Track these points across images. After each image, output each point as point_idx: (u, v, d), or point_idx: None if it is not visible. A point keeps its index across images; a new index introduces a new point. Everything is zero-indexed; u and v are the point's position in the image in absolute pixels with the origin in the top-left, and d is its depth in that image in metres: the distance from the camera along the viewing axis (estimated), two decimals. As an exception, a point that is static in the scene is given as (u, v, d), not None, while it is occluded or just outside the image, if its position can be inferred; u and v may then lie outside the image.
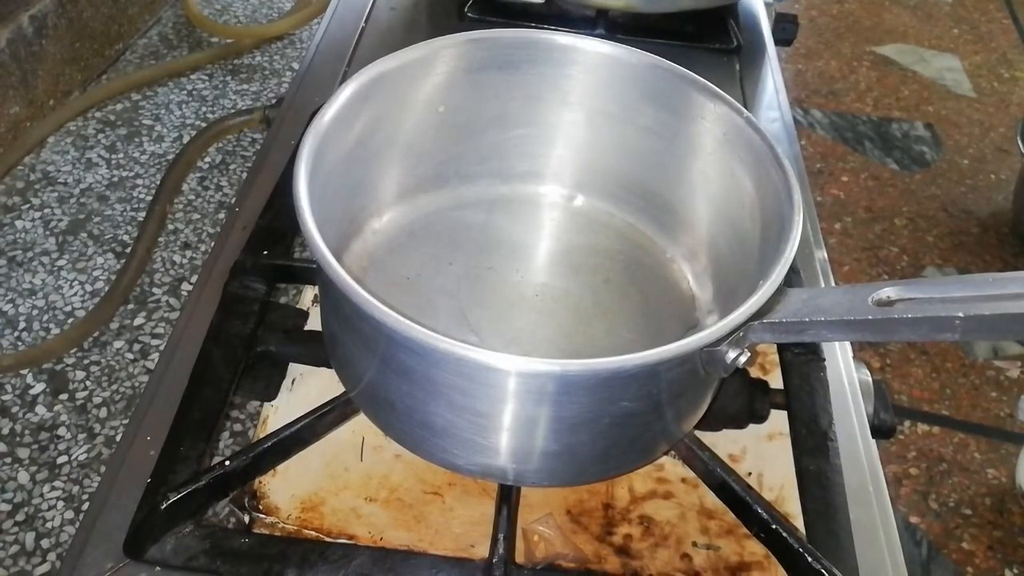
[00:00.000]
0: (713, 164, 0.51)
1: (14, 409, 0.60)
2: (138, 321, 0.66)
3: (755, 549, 0.46)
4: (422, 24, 0.83)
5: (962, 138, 1.66)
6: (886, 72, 1.82)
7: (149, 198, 0.77)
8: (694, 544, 0.47)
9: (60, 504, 0.55)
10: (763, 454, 0.51)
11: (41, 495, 0.55)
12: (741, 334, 0.38)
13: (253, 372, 0.51)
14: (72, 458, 0.57)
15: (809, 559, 0.42)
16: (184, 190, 0.79)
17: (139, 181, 0.80)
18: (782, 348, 0.55)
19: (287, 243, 0.59)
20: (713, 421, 0.49)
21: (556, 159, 0.57)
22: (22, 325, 0.66)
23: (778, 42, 0.89)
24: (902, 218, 1.45)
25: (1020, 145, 1.38)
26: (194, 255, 0.72)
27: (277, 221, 0.59)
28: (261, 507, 0.47)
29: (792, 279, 0.58)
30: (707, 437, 0.49)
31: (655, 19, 0.83)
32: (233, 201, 0.69)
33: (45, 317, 0.67)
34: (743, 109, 0.48)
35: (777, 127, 0.74)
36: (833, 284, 0.63)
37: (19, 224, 0.75)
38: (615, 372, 0.36)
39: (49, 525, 0.54)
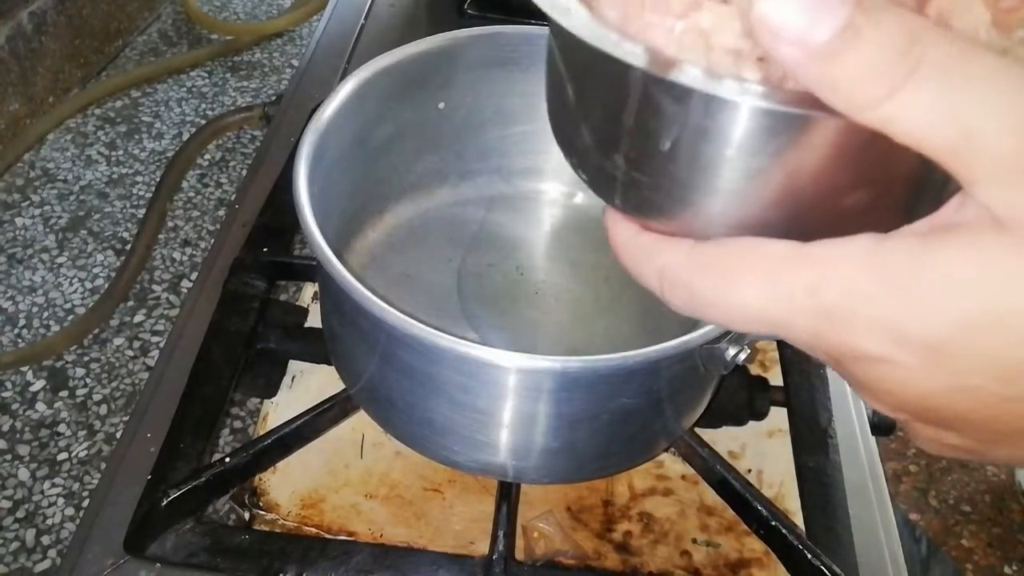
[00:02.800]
0: (713, 161, 0.50)
1: (14, 406, 0.60)
2: (138, 318, 0.66)
3: (755, 546, 0.46)
4: (422, 20, 0.83)
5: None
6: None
7: (149, 195, 0.77)
8: (694, 541, 0.47)
9: (60, 501, 0.55)
10: (763, 451, 0.51)
11: (41, 492, 0.55)
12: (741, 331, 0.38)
13: (253, 369, 0.51)
14: (72, 455, 0.57)
15: (809, 556, 0.42)
16: (184, 187, 0.79)
17: (139, 178, 0.80)
18: (782, 345, 0.55)
19: (287, 240, 0.59)
20: (713, 418, 0.49)
21: (556, 156, 0.56)
22: (22, 322, 0.66)
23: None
24: (902, 215, 1.44)
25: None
26: (194, 252, 0.72)
27: (277, 218, 0.59)
28: (261, 504, 0.47)
29: (792, 276, 0.57)
30: (707, 434, 0.49)
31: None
32: (233, 198, 0.69)
33: (45, 314, 0.67)
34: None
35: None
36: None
37: (19, 221, 0.75)
38: (615, 369, 0.36)
39: (49, 522, 0.54)
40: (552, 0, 0.21)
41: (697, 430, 0.48)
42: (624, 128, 0.21)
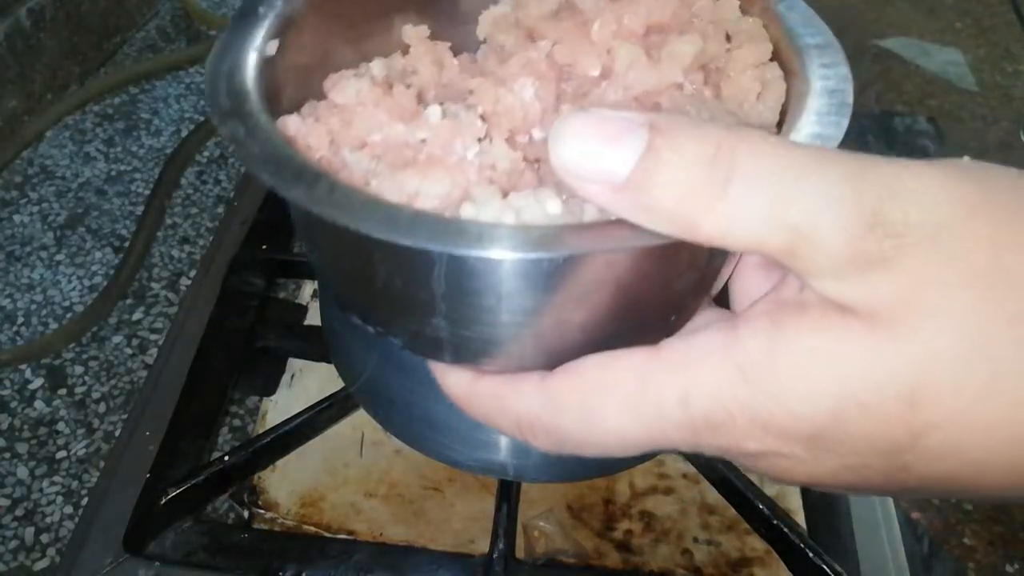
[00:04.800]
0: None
1: (13, 404, 0.60)
2: (137, 316, 0.66)
3: (756, 545, 0.46)
4: (422, 17, 0.82)
5: (965, 133, 1.65)
6: (888, 66, 1.81)
7: (147, 192, 0.77)
8: (695, 540, 0.46)
9: (59, 499, 0.55)
10: (764, 449, 0.51)
11: (40, 490, 0.55)
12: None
13: (252, 367, 0.51)
14: (71, 453, 0.57)
15: (810, 555, 0.42)
16: (183, 184, 0.79)
17: (137, 175, 0.80)
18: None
19: (286, 237, 0.59)
20: (714, 416, 0.49)
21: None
22: (20, 320, 0.66)
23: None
24: (903, 212, 1.44)
25: None
26: (193, 250, 0.72)
27: (276, 215, 0.58)
28: (261, 502, 0.47)
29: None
30: (708, 432, 0.49)
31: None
32: (232, 195, 0.68)
33: (43, 312, 0.66)
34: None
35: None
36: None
37: (17, 218, 0.74)
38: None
39: (48, 520, 0.53)
40: (314, 198, 0.19)
41: (698, 428, 0.47)
42: (437, 294, 0.20)
